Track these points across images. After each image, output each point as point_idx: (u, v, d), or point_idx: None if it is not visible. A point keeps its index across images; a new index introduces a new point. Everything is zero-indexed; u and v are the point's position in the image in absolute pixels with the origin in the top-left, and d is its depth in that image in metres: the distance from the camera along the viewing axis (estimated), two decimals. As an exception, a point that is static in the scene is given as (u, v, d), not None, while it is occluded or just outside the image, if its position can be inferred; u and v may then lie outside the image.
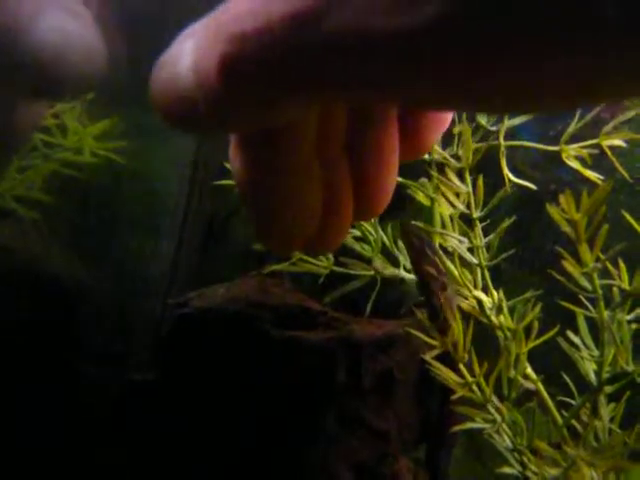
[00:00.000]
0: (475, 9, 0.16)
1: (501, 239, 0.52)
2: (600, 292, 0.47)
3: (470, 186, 0.52)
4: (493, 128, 0.51)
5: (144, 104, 0.22)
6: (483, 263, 0.53)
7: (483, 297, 0.53)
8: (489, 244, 0.52)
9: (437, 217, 0.54)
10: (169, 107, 0.21)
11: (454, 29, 0.16)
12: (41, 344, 0.59)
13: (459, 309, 0.52)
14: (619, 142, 0.48)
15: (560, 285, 0.47)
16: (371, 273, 0.57)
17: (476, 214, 0.52)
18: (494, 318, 0.52)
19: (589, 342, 0.50)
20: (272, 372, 0.57)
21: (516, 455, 0.50)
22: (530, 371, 0.52)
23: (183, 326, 0.60)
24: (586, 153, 0.49)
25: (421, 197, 0.55)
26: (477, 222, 0.52)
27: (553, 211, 0.44)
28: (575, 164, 0.49)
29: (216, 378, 0.58)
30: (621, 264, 0.47)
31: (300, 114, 0.22)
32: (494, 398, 0.50)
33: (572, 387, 0.51)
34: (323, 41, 0.18)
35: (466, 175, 0.52)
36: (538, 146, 0.51)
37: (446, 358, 0.50)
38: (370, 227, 0.57)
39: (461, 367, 0.49)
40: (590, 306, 0.49)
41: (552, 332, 0.50)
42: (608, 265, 0.46)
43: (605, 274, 0.47)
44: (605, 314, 0.48)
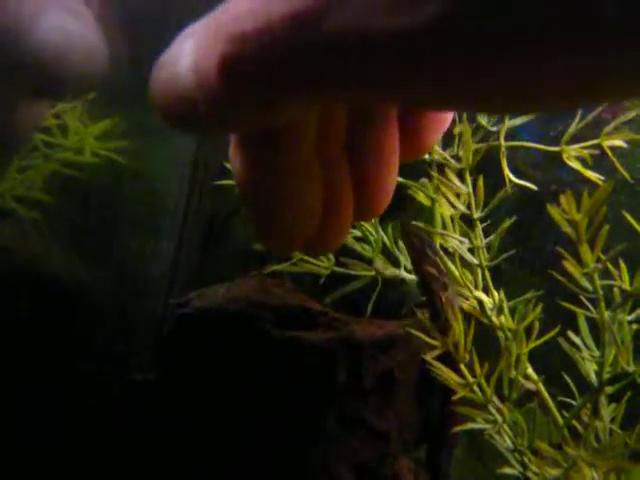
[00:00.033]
0: (475, 9, 0.16)
1: (502, 239, 0.52)
2: (601, 292, 0.47)
3: (470, 187, 0.52)
4: (494, 128, 0.51)
5: (145, 104, 0.22)
6: (484, 263, 0.53)
7: (484, 297, 0.53)
8: (490, 244, 0.52)
9: (438, 217, 0.54)
10: (169, 107, 0.21)
11: (454, 29, 0.16)
12: (42, 344, 0.59)
13: (460, 309, 0.52)
14: (620, 143, 0.48)
15: (561, 285, 0.47)
16: (372, 273, 0.56)
17: (476, 214, 0.52)
18: (495, 318, 0.52)
19: (590, 342, 0.50)
20: (273, 372, 0.57)
21: (517, 455, 0.50)
22: (531, 371, 0.52)
23: (184, 326, 0.60)
24: (587, 154, 0.49)
25: (422, 197, 0.55)
26: (477, 223, 0.52)
27: (554, 211, 0.44)
28: (576, 164, 0.49)
29: (217, 378, 0.58)
30: (622, 264, 0.47)
31: (300, 114, 0.22)
32: (495, 398, 0.50)
33: (573, 387, 0.51)
34: (323, 41, 0.18)
35: (466, 176, 0.52)
36: (539, 146, 0.51)
37: (447, 358, 0.50)
38: (371, 227, 0.57)
39: (462, 367, 0.49)
40: (591, 306, 0.49)
41: (553, 332, 0.50)
42: (609, 265, 0.46)
43: (606, 274, 0.47)
44: (606, 314, 0.48)
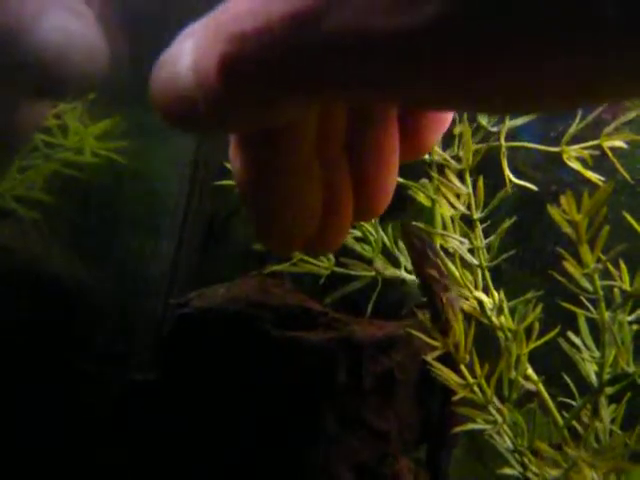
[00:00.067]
0: (475, 9, 0.16)
1: (502, 240, 0.52)
2: (601, 293, 0.47)
3: (470, 187, 0.52)
4: (494, 129, 0.51)
5: (145, 104, 0.22)
6: (484, 264, 0.53)
7: (484, 298, 0.53)
8: (490, 245, 0.52)
9: (438, 218, 0.54)
10: (169, 106, 0.21)
11: (454, 29, 0.16)
12: (42, 344, 0.59)
13: (460, 310, 0.52)
14: (620, 143, 0.48)
15: (561, 286, 0.47)
16: (372, 274, 0.56)
17: (476, 215, 0.52)
18: (495, 319, 0.52)
19: (590, 343, 0.50)
20: (272, 372, 0.57)
21: (517, 456, 0.50)
22: (531, 372, 0.52)
23: (184, 326, 0.60)
24: (587, 154, 0.49)
25: (422, 198, 0.55)
26: (477, 223, 0.52)
27: (554, 212, 0.44)
28: (576, 165, 0.49)
29: (216, 378, 0.58)
30: (622, 265, 0.47)
31: (300, 114, 0.22)
32: (495, 399, 0.50)
33: (573, 388, 0.51)
34: (323, 41, 0.18)
35: (466, 176, 0.52)
36: (539, 147, 0.51)
37: (447, 359, 0.50)
38: (371, 228, 0.57)
39: (462, 368, 0.49)
40: (591, 307, 0.49)
41: (553, 333, 0.50)
42: (609, 266, 0.46)
43: (606, 275, 0.47)
44: (606, 315, 0.48)
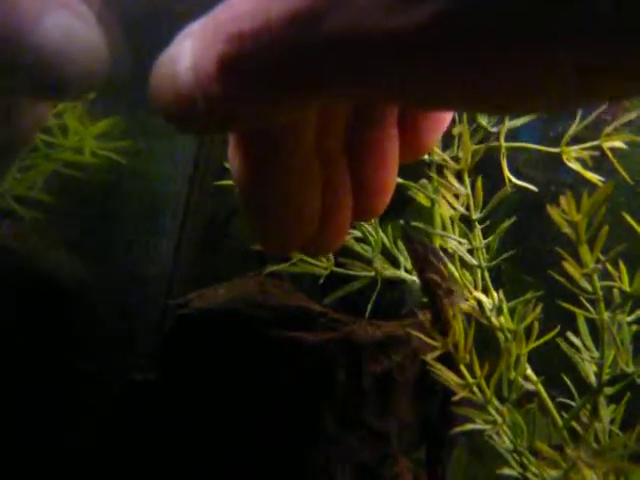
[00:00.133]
0: (473, 6, 0.16)
1: (501, 240, 0.52)
2: (600, 293, 0.47)
3: (469, 188, 0.52)
4: (494, 129, 0.51)
5: (146, 104, 0.22)
6: (483, 264, 0.53)
7: (483, 298, 0.53)
8: (489, 245, 0.52)
9: (437, 218, 0.54)
10: (168, 106, 0.21)
11: (452, 26, 0.16)
12: (42, 344, 0.59)
13: (461, 310, 0.52)
14: (620, 144, 0.48)
15: (560, 286, 0.47)
16: (371, 274, 0.56)
17: (475, 215, 0.52)
18: (494, 319, 0.52)
19: (589, 343, 0.50)
20: (272, 373, 0.57)
21: (516, 456, 0.50)
22: (530, 372, 0.52)
23: (183, 326, 0.60)
24: (587, 155, 0.49)
25: (421, 198, 0.55)
26: (476, 223, 0.52)
27: (553, 212, 0.44)
28: (576, 166, 0.49)
29: (216, 378, 0.58)
30: (621, 265, 0.47)
31: (299, 113, 0.22)
32: (494, 399, 0.50)
33: (572, 388, 0.51)
34: (322, 40, 0.18)
35: (465, 177, 0.52)
36: (538, 147, 0.51)
37: (446, 359, 0.50)
38: (370, 228, 0.57)
39: (462, 368, 0.49)
40: (590, 307, 0.49)
41: (552, 333, 0.50)
42: (608, 266, 0.46)
43: (605, 275, 0.47)
44: (605, 315, 0.48)
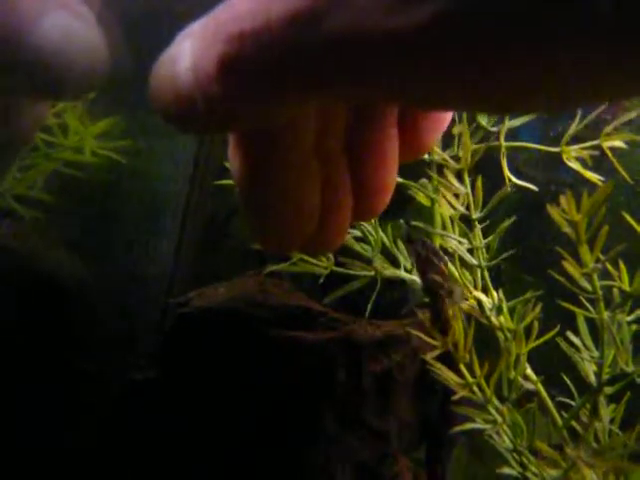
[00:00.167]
0: (473, 6, 0.16)
1: (501, 240, 0.52)
2: (600, 293, 0.47)
3: (469, 187, 0.52)
4: (494, 129, 0.51)
5: (145, 104, 0.22)
6: (483, 264, 0.53)
7: (483, 298, 0.53)
8: (489, 245, 0.52)
9: (437, 218, 0.54)
10: (168, 106, 0.21)
11: (452, 26, 0.16)
12: (41, 344, 0.59)
13: (461, 310, 0.52)
14: (619, 143, 0.48)
15: (560, 286, 0.47)
16: (371, 273, 0.56)
17: (475, 215, 0.52)
18: (494, 319, 0.52)
19: (589, 343, 0.50)
20: (272, 372, 0.57)
21: (516, 456, 0.50)
22: (530, 372, 0.52)
23: (183, 325, 0.60)
24: (587, 154, 0.49)
25: (421, 198, 0.55)
26: (476, 223, 0.52)
27: (553, 212, 0.44)
28: (576, 165, 0.49)
29: (216, 378, 0.58)
30: (621, 265, 0.47)
31: (299, 112, 0.22)
32: (494, 399, 0.50)
33: (572, 388, 0.51)
34: (322, 40, 0.18)
35: (465, 176, 0.52)
36: (538, 147, 0.51)
37: (446, 358, 0.50)
38: (370, 227, 0.57)
39: (462, 368, 0.49)
40: (590, 307, 0.49)
41: (552, 333, 0.50)
42: (608, 266, 0.46)
43: (605, 275, 0.47)
44: (605, 315, 0.48)
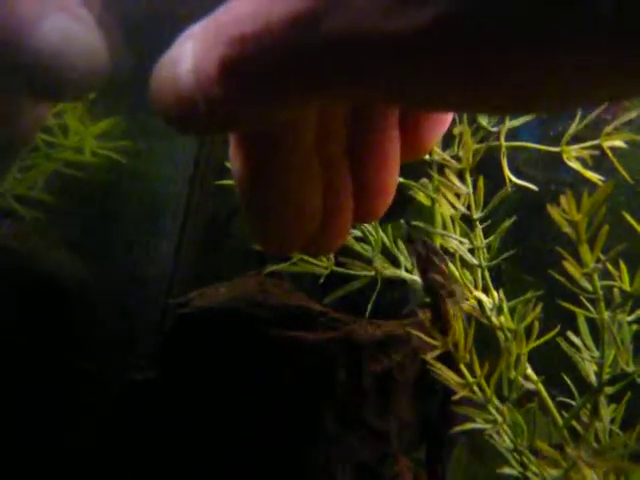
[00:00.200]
0: (475, 8, 0.16)
1: (502, 240, 0.52)
2: (601, 293, 0.47)
3: (470, 187, 0.52)
4: (494, 129, 0.51)
5: (146, 105, 0.22)
6: (483, 264, 0.53)
7: (483, 298, 0.53)
8: (489, 245, 0.52)
9: (438, 218, 0.54)
10: (169, 108, 0.21)
11: (454, 29, 0.16)
12: (42, 344, 0.59)
13: (461, 310, 0.52)
14: (620, 143, 0.48)
15: (560, 286, 0.47)
16: (372, 274, 0.56)
17: (476, 215, 0.52)
18: (494, 319, 0.52)
19: (589, 343, 0.50)
20: (272, 372, 0.57)
21: (516, 456, 0.50)
22: (530, 372, 0.52)
23: (184, 325, 0.60)
24: (587, 154, 0.49)
25: (422, 198, 0.55)
26: (477, 223, 0.52)
27: (554, 212, 0.44)
28: (576, 165, 0.49)
29: (216, 378, 0.58)
30: (622, 265, 0.47)
31: (300, 114, 0.22)
32: (495, 399, 0.50)
33: (573, 388, 0.51)
34: (322, 42, 0.18)
35: (466, 176, 0.52)
36: (539, 147, 0.51)
37: (447, 358, 0.50)
38: (371, 227, 0.57)
39: (462, 367, 0.49)
40: (591, 307, 0.49)
41: (552, 333, 0.50)
42: (609, 266, 0.46)
43: (606, 275, 0.47)
44: (606, 315, 0.48)
